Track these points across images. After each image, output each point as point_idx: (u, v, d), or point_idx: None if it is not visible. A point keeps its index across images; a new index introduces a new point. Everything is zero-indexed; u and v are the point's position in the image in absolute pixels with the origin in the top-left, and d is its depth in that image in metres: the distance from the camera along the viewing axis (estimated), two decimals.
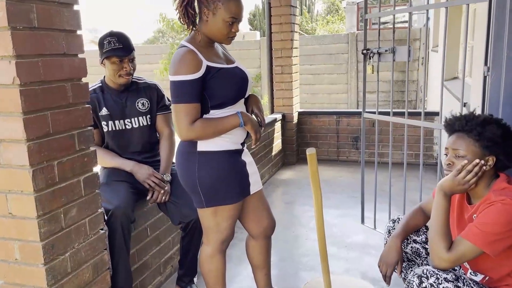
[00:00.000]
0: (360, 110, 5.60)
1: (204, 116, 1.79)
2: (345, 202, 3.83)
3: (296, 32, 4.95)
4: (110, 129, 2.20)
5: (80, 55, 1.68)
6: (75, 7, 1.64)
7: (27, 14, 1.43)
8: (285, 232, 3.24)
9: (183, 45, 1.77)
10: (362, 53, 2.70)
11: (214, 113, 1.80)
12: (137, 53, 2.24)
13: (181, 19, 1.79)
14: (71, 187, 1.64)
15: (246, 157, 1.94)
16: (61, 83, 1.59)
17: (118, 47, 2.08)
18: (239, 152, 1.89)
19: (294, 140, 5.07)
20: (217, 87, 1.76)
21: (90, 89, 2.21)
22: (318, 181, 1.72)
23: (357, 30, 11.81)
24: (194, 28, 1.80)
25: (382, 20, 14.12)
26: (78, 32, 1.67)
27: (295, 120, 5.08)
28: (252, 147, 1.97)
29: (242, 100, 1.89)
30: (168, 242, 2.58)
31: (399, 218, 2.03)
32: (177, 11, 1.78)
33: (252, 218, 2.03)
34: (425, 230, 1.94)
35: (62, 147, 1.59)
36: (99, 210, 1.80)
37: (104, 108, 2.18)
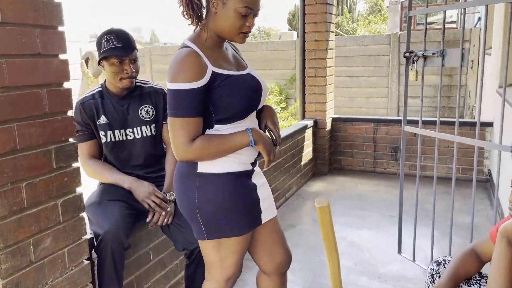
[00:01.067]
0: (401, 118, 5.14)
1: (207, 131, 1.49)
2: (380, 222, 3.42)
3: (332, 32, 4.58)
4: (108, 139, 1.94)
5: (61, 56, 1.42)
6: None
7: None
8: (310, 256, 2.89)
9: (186, 45, 1.46)
10: (405, 56, 2.32)
11: (219, 129, 1.49)
12: None
13: (185, 12, 1.48)
14: (44, 212, 1.38)
15: (258, 178, 1.62)
16: (34, 89, 1.33)
17: (117, 46, 1.81)
18: (248, 173, 1.57)
19: (327, 148, 4.70)
20: (224, 98, 1.45)
21: (88, 94, 1.96)
22: (334, 241, 1.33)
23: (400, 30, 11.20)
24: (199, 24, 1.49)
25: (428, 20, 13.39)
26: (60, 28, 1.40)
27: (328, 127, 4.71)
28: (264, 169, 1.63)
29: (254, 113, 1.57)
30: (174, 266, 2.29)
31: (445, 261, 1.65)
32: (180, 2, 1.48)
33: (264, 252, 1.70)
34: (478, 278, 1.55)
35: (33, 166, 1.33)
36: (83, 237, 1.54)
37: (102, 116, 1.92)
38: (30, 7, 1.29)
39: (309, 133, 4.47)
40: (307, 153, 4.46)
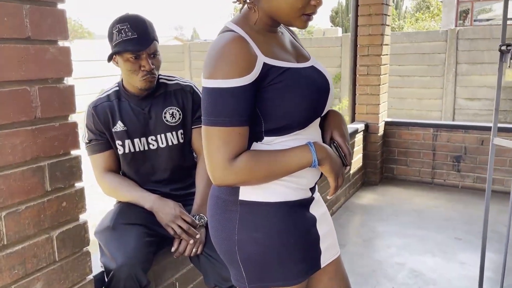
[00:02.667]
0: (465, 123, 4.55)
1: (254, 145, 1.10)
2: (446, 247, 2.93)
3: (388, 25, 4.09)
4: (127, 150, 1.59)
5: (61, 43, 1.07)
6: None
7: None
8: (361, 286, 2.45)
9: (228, 29, 1.07)
10: (500, 50, 1.84)
11: (270, 142, 1.10)
12: None
13: None
14: (33, 250, 1.04)
15: (317, 207, 1.22)
16: (20, 86, 0.98)
17: (131, 37, 1.45)
18: (306, 202, 1.17)
19: (378, 155, 4.21)
20: (280, 100, 1.05)
21: (103, 95, 1.62)
22: None
23: (455, 26, 10.38)
24: (247, 2, 1.10)
25: (486, 16, 12.47)
26: (60, 5, 1.06)
27: (381, 131, 4.22)
28: (328, 197, 1.22)
29: (317, 122, 1.17)
30: None
31: None
32: None
33: None
34: None
35: (18, 189, 1.00)
36: (88, 277, 1.19)
37: (119, 122, 1.57)
38: None
39: (359, 138, 4.02)
40: (357, 160, 4.00)
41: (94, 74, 11.03)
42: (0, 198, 0.96)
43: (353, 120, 4.26)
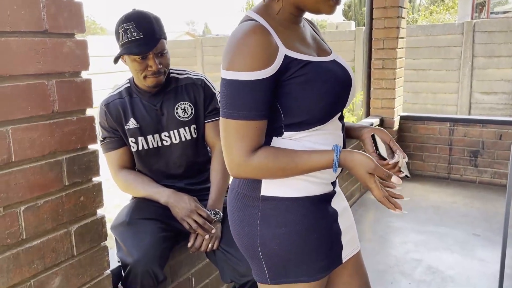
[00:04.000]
0: (483, 117, 4.47)
1: (274, 140, 1.08)
2: (464, 243, 2.88)
3: (404, 18, 4.02)
4: (140, 147, 1.58)
5: (78, 36, 1.06)
6: None
7: None
8: (377, 282, 2.42)
9: (249, 18, 1.04)
10: None
11: (291, 137, 1.07)
12: None
13: None
14: (51, 244, 1.04)
15: (339, 201, 1.19)
16: (37, 80, 0.98)
17: (137, 38, 1.43)
18: (328, 196, 1.15)
19: None
20: (301, 94, 1.02)
21: (114, 93, 1.61)
22: None
23: (472, 19, 10.17)
24: None
25: (503, 9, 12.22)
26: None
27: (396, 126, 4.16)
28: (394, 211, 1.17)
29: (337, 117, 1.14)
30: None
31: None
32: None
33: None
34: None
35: (36, 184, 0.99)
36: (105, 272, 1.19)
37: (131, 119, 1.56)
38: None
39: None
40: None
41: (108, 69, 11.09)
42: (19, 193, 0.96)
43: (367, 114, 4.21)
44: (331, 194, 1.15)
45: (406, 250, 2.79)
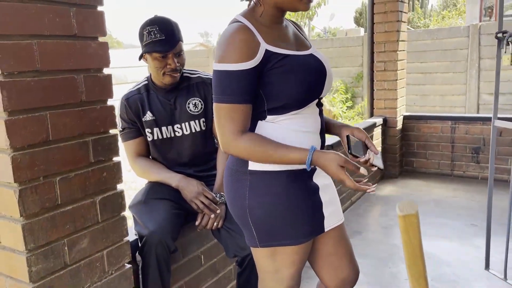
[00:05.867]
0: (483, 115, 4.61)
1: (259, 123, 1.28)
2: (462, 232, 3.02)
3: (404, 22, 4.20)
4: (155, 137, 1.80)
5: (100, 39, 1.29)
6: None
7: None
8: (379, 268, 2.58)
9: (236, 20, 1.26)
10: (497, 37, 1.96)
11: (273, 120, 1.28)
12: None
13: None
14: (81, 211, 1.25)
15: (321, 178, 1.38)
16: (69, 75, 1.20)
17: (159, 38, 1.66)
18: (309, 173, 1.34)
19: (397, 149, 4.31)
20: (279, 82, 1.22)
21: (134, 89, 1.84)
22: (423, 264, 0.94)
23: (480, 22, 10.26)
24: None
25: (507, 13, 12.22)
26: (99, 8, 1.27)
27: (399, 125, 4.32)
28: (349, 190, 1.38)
29: (314, 104, 1.33)
30: (228, 272, 2.12)
31: None
32: None
33: (327, 266, 1.47)
34: None
35: (68, 159, 1.21)
36: (125, 239, 1.40)
37: (148, 112, 1.78)
38: None
39: (377, 132, 4.13)
40: None
41: (125, 80, 11.47)
42: (55, 166, 1.17)
43: (371, 115, 4.38)
44: (312, 170, 1.34)
45: None
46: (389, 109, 4.25)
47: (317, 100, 1.33)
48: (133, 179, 4.60)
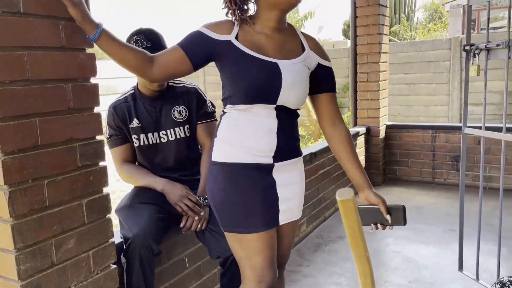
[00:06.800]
0: (461, 124, 4.74)
1: (222, 117, 1.49)
2: (440, 237, 3.12)
3: (386, 34, 4.34)
4: (142, 143, 1.87)
5: (88, 50, 1.37)
6: None
7: None
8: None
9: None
10: (464, 50, 2.08)
11: (230, 110, 1.45)
12: None
13: (229, 6, 1.42)
14: (68, 212, 1.32)
15: (281, 175, 1.47)
16: (58, 84, 1.28)
17: (146, 46, 1.74)
18: (266, 167, 1.44)
19: (380, 157, 4.43)
20: (229, 73, 1.42)
21: (121, 97, 1.92)
22: (363, 244, 1.08)
23: (463, 34, 10.53)
24: (242, 15, 1.42)
25: (495, 25, 12.58)
26: None
27: (382, 134, 4.44)
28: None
29: (269, 107, 1.41)
30: (212, 276, 2.19)
31: (510, 281, 1.41)
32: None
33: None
34: None
35: (56, 163, 1.28)
36: (110, 240, 1.46)
37: (135, 119, 1.86)
38: None
39: (361, 141, 4.25)
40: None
41: (115, 90, 11.51)
42: (44, 169, 1.24)
43: (355, 124, 4.49)
44: (269, 166, 1.44)
45: (386, 244, 3.04)
46: (372, 119, 4.38)
47: (272, 105, 1.41)
48: (121, 187, 4.64)
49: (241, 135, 1.42)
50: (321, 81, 1.50)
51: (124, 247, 1.64)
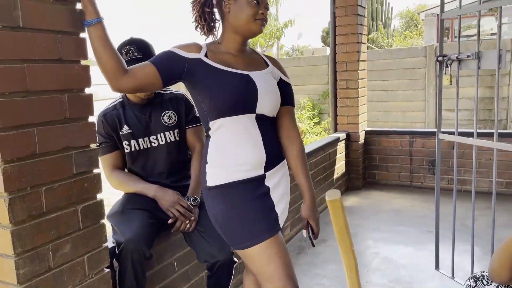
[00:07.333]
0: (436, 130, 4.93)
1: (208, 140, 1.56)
2: (417, 239, 3.25)
3: (364, 43, 4.49)
4: (133, 149, 1.93)
5: (83, 62, 1.42)
6: (78, 6, 1.39)
7: (9, 10, 1.20)
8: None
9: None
10: (438, 61, 2.21)
11: (212, 125, 1.53)
12: None
13: (198, 22, 1.55)
14: (64, 218, 1.37)
15: (271, 180, 1.56)
16: (54, 94, 1.33)
17: (138, 57, 1.81)
18: (259, 178, 1.53)
19: (360, 162, 4.56)
20: (204, 89, 1.50)
21: (110, 105, 1.97)
22: (349, 240, 1.22)
23: (437, 42, 10.88)
24: (209, 32, 1.56)
25: (467, 33, 13.01)
26: (81, 35, 1.41)
27: (362, 140, 4.58)
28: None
29: (248, 118, 1.51)
30: (200, 279, 2.24)
31: (483, 276, 1.52)
32: (193, 13, 1.55)
33: None
34: None
35: (53, 171, 1.33)
36: (104, 245, 1.51)
37: (125, 126, 1.91)
38: (52, 13, 1.31)
39: (341, 146, 4.37)
40: (340, 166, 4.34)
41: (96, 97, 11.43)
42: (41, 177, 1.29)
43: (335, 130, 4.62)
44: (262, 177, 1.53)
45: (366, 246, 3.15)
46: (352, 125, 4.51)
47: (253, 114, 1.51)
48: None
49: (230, 155, 1.50)
50: (282, 95, 1.60)
51: (117, 251, 1.69)
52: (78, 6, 1.39)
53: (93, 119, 1.48)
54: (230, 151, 1.51)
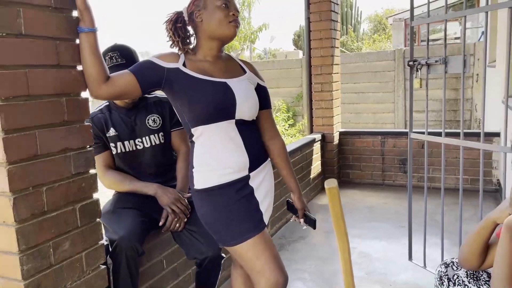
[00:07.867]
0: (408, 130, 5.19)
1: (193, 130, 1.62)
2: (390, 233, 3.42)
3: (337, 48, 4.67)
4: (119, 151, 1.99)
5: (79, 67, 1.49)
6: (74, 14, 1.46)
7: (12, 19, 1.26)
8: (322, 268, 2.89)
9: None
10: (409, 65, 2.37)
11: (198, 137, 1.61)
12: None
13: (173, 39, 1.62)
14: (63, 217, 1.43)
15: (255, 179, 1.66)
16: (54, 98, 1.40)
17: (121, 63, 1.87)
18: (244, 179, 1.63)
19: (335, 162, 4.73)
20: (187, 98, 1.57)
21: (96, 109, 2.03)
22: (343, 224, 1.38)
23: (405, 47, 11.30)
24: (184, 46, 1.63)
25: (432, 37, 13.53)
26: (77, 41, 1.48)
27: (336, 140, 4.75)
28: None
29: (228, 124, 1.59)
30: (187, 276, 2.32)
31: (453, 262, 1.67)
32: (167, 31, 1.63)
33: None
34: (487, 279, 1.56)
35: (53, 171, 1.39)
36: (100, 242, 1.58)
37: (111, 129, 1.98)
38: (51, 21, 1.37)
39: (317, 146, 4.52)
40: (316, 166, 4.49)
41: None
42: (42, 177, 1.35)
43: (311, 131, 4.77)
44: (246, 178, 1.62)
45: None
46: (327, 126, 4.67)
47: (232, 120, 1.59)
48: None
49: (214, 160, 1.58)
50: (260, 99, 1.70)
51: (110, 249, 1.75)
52: (74, 13, 1.46)
53: (88, 121, 1.55)
54: (214, 157, 1.59)
